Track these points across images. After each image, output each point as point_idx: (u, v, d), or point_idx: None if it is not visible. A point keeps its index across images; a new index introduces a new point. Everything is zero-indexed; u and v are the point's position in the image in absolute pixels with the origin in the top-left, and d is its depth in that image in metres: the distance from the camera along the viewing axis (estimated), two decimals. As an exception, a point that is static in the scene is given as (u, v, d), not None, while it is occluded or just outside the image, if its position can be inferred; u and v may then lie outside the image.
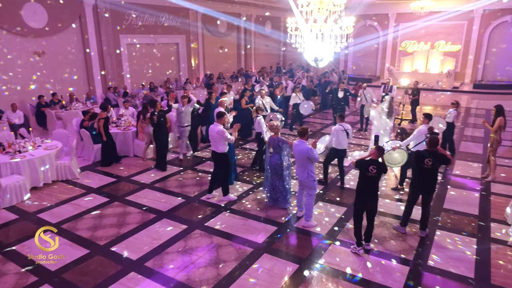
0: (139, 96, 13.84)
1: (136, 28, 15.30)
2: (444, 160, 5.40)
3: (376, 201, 5.13)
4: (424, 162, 5.27)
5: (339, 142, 7.10)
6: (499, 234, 5.57)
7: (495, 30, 19.93)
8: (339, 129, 7.03)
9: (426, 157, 5.27)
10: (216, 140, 6.45)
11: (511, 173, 7.98)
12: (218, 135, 6.38)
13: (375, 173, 4.93)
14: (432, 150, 5.31)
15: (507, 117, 7.62)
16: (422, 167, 5.30)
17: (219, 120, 6.51)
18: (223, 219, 6.13)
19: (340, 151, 7.19)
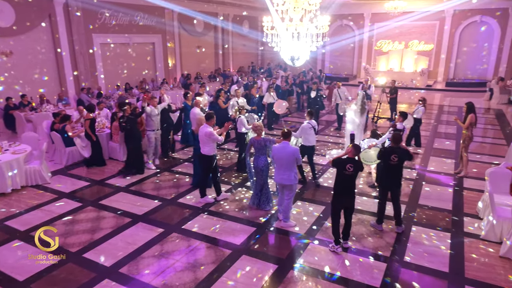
0: (113, 97, 13.50)
1: (109, 27, 14.91)
2: (408, 155, 5.55)
3: (354, 199, 5.15)
4: (390, 159, 5.43)
5: (307, 139, 7.19)
6: (472, 228, 5.71)
7: (466, 30, 20.59)
8: (307, 127, 7.12)
9: (392, 153, 5.43)
10: (204, 141, 6.35)
11: (482, 168, 8.18)
12: (206, 136, 6.27)
13: (352, 172, 4.95)
14: (396, 146, 5.49)
15: (478, 114, 7.84)
16: (389, 164, 5.47)
17: (208, 121, 6.38)
18: (201, 221, 6.02)
19: (309, 148, 7.28)
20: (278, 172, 5.69)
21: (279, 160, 5.61)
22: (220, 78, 19.14)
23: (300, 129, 7.25)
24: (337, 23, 23.82)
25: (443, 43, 21.07)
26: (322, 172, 8.11)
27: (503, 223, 5.18)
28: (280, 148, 5.62)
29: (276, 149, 5.66)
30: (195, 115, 8.22)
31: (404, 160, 5.57)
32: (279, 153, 5.60)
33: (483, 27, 20.14)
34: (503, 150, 9.50)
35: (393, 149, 5.50)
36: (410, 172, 8.10)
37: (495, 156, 9.09)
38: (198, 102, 8.58)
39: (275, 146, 5.73)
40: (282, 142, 5.68)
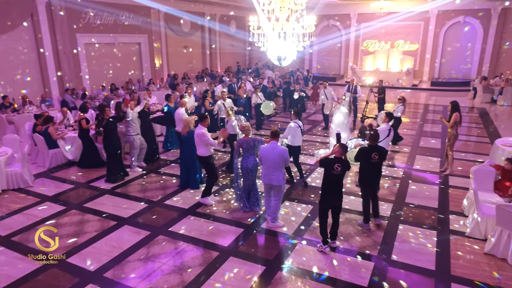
0: (99, 98, 13.29)
1: (94, 27, 14.67)
2: (386, 153, 5.83)
3: (341, 199, 5.16)
4: (371, 157, 5.58)
5: (294, 139, 7.18)
6: (457, 225, 5.77)
7: (450, 30, 20.93)
8: (294, 126, 7.10)
9: (372, 151, 5.60)
10: (196, 143, 6.34)
11: (467, 166, 8.29)
12: (198, 137, 6.23)
13: (340, 171, 4.94)
14: (374, 145, 5.64)
15: (462, 113, 7.96)
16: (370, 162, 5.60)
17: (202, 122, 6.31)
18: (188, 223, 5.94)
19: (295, 148, 7.26)
20: (266, 172, 5.61)
21: (267, 161, 5.54)
22: (208, 78, 19.03)
23: (287, 129, 7.22)
24: (324, 23, 23.96)
25: (428, 43, 21.38)
26: (310, 172, 8.11)
27: (487, 220, 5.25)
28: (269, 148, 5.57)
29: (264, 149, 5.60)
30: (180, 115, 8.13)
31: (384, 157, 5.77)
32: (267, 154, 5.54)
33: (467, 28, 20.50)
34: (487, 148, 9.67)
35: (373, 147, 5.65)
36: (396, 171, 8.17)
37: (479, 154, 9.24)
38: (183, 103, 8.47)
39: (263, 147, 5.69)
40: (271, 142, 5.63)
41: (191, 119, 6.85)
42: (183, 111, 8.25)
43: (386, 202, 6.63)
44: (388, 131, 7.19)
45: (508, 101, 15.78)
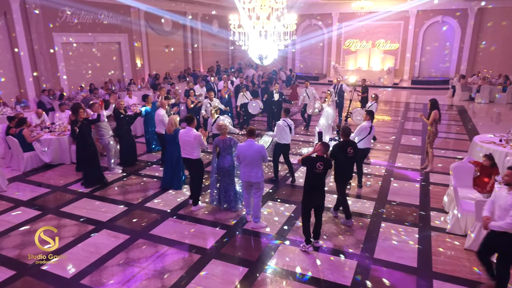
0: (77, 99, 12.94)
1: (71, 26, 14.28)
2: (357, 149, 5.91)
3: (324, 197, 5.13)
4: (347, 151, 5.62)
5: (282, 137, 7.16)
6: (438, 222, 5.83)
7: (429, 29, 21.31)
8: (283, 125, 7.07)
9: (347, 146, 5.65)
10: (192, 146, 6.05)
11: (447, 163, 8.41)
12: (196, 140, 5.99)
13: (322, 170, 4.92)
14: (348, 140, 5.75)
15: (442, 111, 8.07)
16: (346, 157, 5.63)
17: (191, 124, 6.11)
18: (169, 225, 5.81)
19: (284, 146, 7.24)
20: (245, 170, 5.62)
21: (245, 158, 5.53)
22: (190, 78, 18.81)
23: (276, 128, 7.20)
24: (306, 23, 24.05)
25: (408, 42, 21.72)
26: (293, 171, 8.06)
27: (467, 216, 5.32)
28: (246, 146, 5.56)
29: (241, 147, 5.58)
30: (159, 116, 7.93)
31: (358, 152, 5.89)
32: (244, 151, 5.53)
33: (445, 27, 20.92)
34: (465, 145, 9.85)
35: (346, 142, 5.73)
36: (378, 168, 8.22)
37: (458, 151, 9.40)
38: (163, 103, 8.25)
39: (240, 145, 5.67)
40: (247, 140, 5.61)
41: (176, 117, 6.74)
42: (163, 113, 8.03)
43: (369, 200, 6.65)
44: (369, 128, 7.22)
45: (486, 98, 16.17)
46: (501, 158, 6.96)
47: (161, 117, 7.93)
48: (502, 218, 3.96)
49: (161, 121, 7.95)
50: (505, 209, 3.94)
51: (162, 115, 7.95)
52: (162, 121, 7.90)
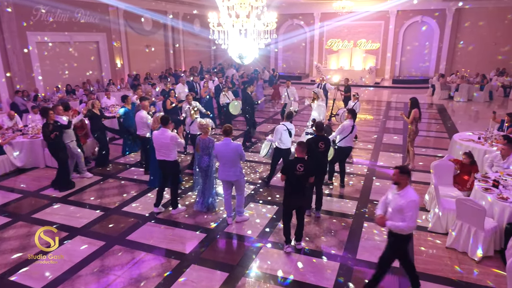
0: (53, 100, 12.52)
1: (46, 25, 13.81)
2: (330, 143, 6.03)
3: (305, 199, 5.06)
4: (318, 146, 5.74)
5: (281, 141, 6.88)
6: (420, 220, 5.81)
7: (408, 29, 21.61)
8: (282, 129, 6.83)
9: (319, 141, 5.77)
10: (168, 147, 5.81)
11: (428, 161, 8.49)
12: (172, 141, 5.78)
13: (302, 171, 4.81)
14: (321, 135, 5.89)
15: (422, 109, 8.11)
16: (318, 151, 5.74)
17: (166, 125, 5.89)
18: (147, 230, 5.61)
19: (284, 150, 6.93)
20: (223, 169, 5.58)
21: (223, 157, 5.52)
22: (172, 78, 18.50)
23: (274, 132, 6.94)
24: (288, 22, 24.06)
25: (389, 42, 21.98)
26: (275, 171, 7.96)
27: (448, 214, 5.32)
28: (222, 145, 5.51)
29: (219, 146, 5.55)
30: (142, 118, 7.59)
31: (329, 147, 5.97)
32: (222, 150, 5.50)
33: (424, 27, 21.25)
34: (445, 143, 9.97)
35: (319, 137, 5.86)
36: (361, 168, 8.21)
37: (439, 149, 9.49)
38: (145, 105, 7.91)
39: (217, 144, 5.63)
40: (224, 139, 5.55)
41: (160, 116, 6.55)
42: (145, 114, 7.65)
43: (351, 199, 6.60)
44: (351, 127, 7.19)
45: (464, 97, 16.48)
46: (480, 156, 7.04)
47: (144, 119, 7.57)
48: (392, 219, 3.88)
49: (143, 124, 7.57)
50: (397, 210, 3.82)
51: (145, 117, 7.59)
52: (144, 123, 7.54)
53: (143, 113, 7.69)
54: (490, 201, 5.01)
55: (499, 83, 17.32)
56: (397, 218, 3.82)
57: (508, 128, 7.79)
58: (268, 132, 11.24)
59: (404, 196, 3.82)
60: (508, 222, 4.74)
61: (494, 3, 19.06)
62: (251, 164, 8.45)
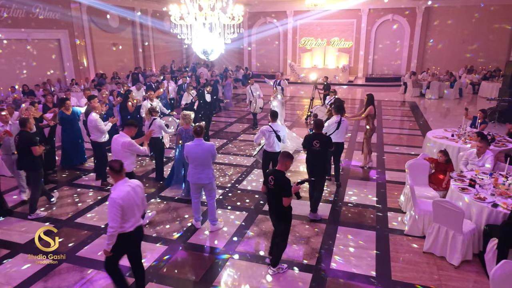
0: (7, 101, 11.59)
1: (1, 21, 12.81)
2: (329, 143, 5.68)
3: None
4: (312, 144, 5.48)
5: (269, 145, 6.21)
6: (396, 223, 5.55)
7: (380, 28, 21.72)
8: (266, 130, 6.13)
9: (314, 139, 5.51)
10: (120, 155, 5.00)
11: (402, 160, 8.32)
12: (124, 147, 5.02)
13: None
14: (319, 133, 5.62)
15: (394, 107, 7.91)
16: (312, 149, 5.52)
17: (128, 129, 5.16)
18: (101, 244, 5.02)
19: (271, 154, 6.22)
20: (194, 171, 5.17)
21: (195, 159, 5.12)
22: (141, 78, 17.73)
23: (259, 133, 6.28)
24: (261, 20, 23.71)
25: (361, 40, 22.01)
26: (246, 174, 7.55)
27: (424, 216, 5.06)
28: (194, 146, 5.11)
29: (189, 147, 5.13)
30: (94, 122, 6.78)
31: (327, 147, 5.60)
32: (193, 151, 5.10)
33: (395, 25, 21.41)
34: (419, 140, 9.86)
35: (315, 135, 5.59)
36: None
37: (412, 147, 9.34)
38: (95, 106, 7.05)
39: (188, 144, 5.21)
40: (195, 140, 5.16)
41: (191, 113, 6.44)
42: (97, 117, 6.84)
43: (324, 202, 6.25)
44: (337, 124, 6.80)
45: (435, 94, 16.63)
46: (454, 153, 6.87)
47: (95, 122, 6.80)
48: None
49: (95, 127, 6.84)
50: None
51: (96, 120, 6.81)
52: (96, 127, 6.82)
53: (93, 116, 6.82)
54: (467, 201, 4.78)
55: (468, 80, 17.62)
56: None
57: (481, 125, 7.70)
58: (239, 133, 10.82)
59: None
60: (486, 224, 4.52)
61: (461, 2, 19.42)
62: (221, 166, 7.99)
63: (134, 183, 3.69)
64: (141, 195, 3.75)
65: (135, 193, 3.62)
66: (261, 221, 5.63)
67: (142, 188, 3.80)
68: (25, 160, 5.68)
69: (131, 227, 3.59)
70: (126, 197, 3.49)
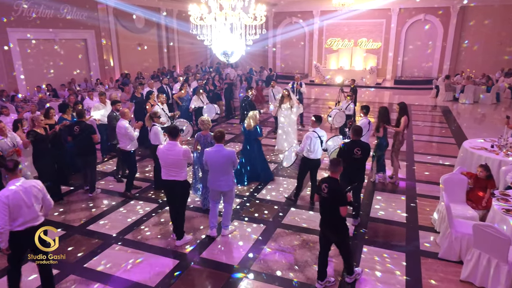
0: (33, 101, 11.76)
1: (29, 21, 13.04)
2: (368, 151, 5.33)
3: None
4: (354, 152, 5.15)
5: (311, 151, 5.90)
6: (428, 244, 5.03)
7: (411, 28, 20.81)
8: (313, 136, 5.81)
9: (355, 146, 5.18)
10: (179, 164, 4.74)
11: (434, 171, 7.72)
12: (185, 156, 4.71)
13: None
14: (358, 139, 5.29)
15: (425, 112, 7.33)
16: (353, 158, 5.14)
17: (176, 138, 4.78)
18: (112, 255, 4.82)
19: (312, 161, 5.99)
20: (214, 177, 4.98)
21: (214, 165, 4.92)
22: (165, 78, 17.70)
23: (304, 139, 5.91)
24: (287, 21, 23.30)
25: (390, 41, 21.17)
26: (266, 183, 7.18)
27: (461, 239, 4.53)
28: (214, 152, 4.91)
29: (209, 153, 4.93)
30: (122, 129, 6.30)
31: (367, 154, 5.28)
32: (213, 157, 4.91)
33: (427, 26, 20.45)
34: (452, 149, 9.17)
35: (355, 142, 5.25)
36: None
37: (445, 157, 8.65)
38: (125, 113, 6.47)
39: (207, 150, 4.99)
40: (215, 146, 4.96)
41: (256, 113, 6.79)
42: (127, 124, 6.32)
43: (348, 217, 5.79)
44: (368, 125, 6.60)
45: (470, 99, 15.68)
46: (494, 167, 6.21)
47: (125, 130, 6.27)
48: None
49: (125, 135, 6.31)
50: None
51: (126, 127, 6.29)
52: (126, 134, 6.29)
53: (123, 122, 6.36)
54: (512, 225, 4.23)
55: (506, 84, 16.51)
56: None
57: (525, 135, 7.00)
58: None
59: None
60: (536, 253, 3.96)
61: (499, 1, 18.26)
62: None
63: (29, 184, 3.72)
64: (36, 195, 3.75)
65: (25, 193, 3.64)
66: (279, 236, 5.25)
67: (40, 188, 3.81)
68: (84, 146, 6.38)
69: (20, 227, 3.63)
70: (13, 196, 3.55)
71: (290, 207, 6.12)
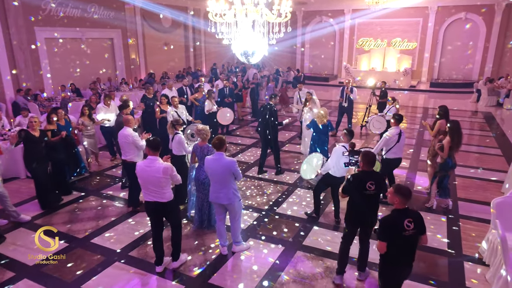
0: (57, 100, 11.73)
1: (56, 20, 13.09)
2: (384, 183, 4.22)
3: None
4: (366, 187, 3.90)
5: (336, 168, 5.24)
6: (476, 280, 4.27)
7: (450, 27, 19.50)
8: (341, 151, 5.01)
9: (368, 179, 3.92)
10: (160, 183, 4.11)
11: (479, 187, 6.82)
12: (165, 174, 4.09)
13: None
14: (370, 171, 4.00)
15: (465, 118, 6.49)
16: (364, 194, 3.93)
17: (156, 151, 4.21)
18: (111, 274, 4.38)
19: (336, 178, 5.34)
20: (214, 188, 4.54)
21: (213, 175, 4.48)
22: (189, 78, 17.43)
23: (332, 154, 5.31)
24: (316, 20, 22.52)
25: (427, 41, 19.93)
26: (288, 194, 6.57)
27: (520, 279, 3.75)
28: (213, 160, 4.41)
29: (209, 161, 4.45)
30: (126, 137, 5.66)
31: (382, 188, 4.08)
32: (211, 166, 4.42)
33: (468, 25, 19.07)
34: (499, 161, 8.19)
35: (367, 174, 3.97)
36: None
37: (492, 171, 7.67)
38: (128, 120, 5.78)
39: (208, 158, 4.50)
40: (215, 153, 4.46)
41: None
42: (132, 132, 5.72)
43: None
44: (397, 136, 5.85)
45: (516, 104, 14.36)
46: (555, 188, 5.34)
47: (132, 138, 5.64)
48: None
49: (132, 144, 5.68)
50: None
51: (132, 135, 5.66)
52: (134, 143, 5.66)
53: (127, 130, 5.70)
54: None
55: (558, 89, 15.00)
56: None
57: None
58: (284, 142, 9.83)
59: None
60: None
61: (551, -3, 16.72)
62: (259, 182, 7.10)
63: None
64: None
65: None
66: (299, 261, 4.63)
67: None
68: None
69: None
70: None
71: (313, 225, 5.49)
